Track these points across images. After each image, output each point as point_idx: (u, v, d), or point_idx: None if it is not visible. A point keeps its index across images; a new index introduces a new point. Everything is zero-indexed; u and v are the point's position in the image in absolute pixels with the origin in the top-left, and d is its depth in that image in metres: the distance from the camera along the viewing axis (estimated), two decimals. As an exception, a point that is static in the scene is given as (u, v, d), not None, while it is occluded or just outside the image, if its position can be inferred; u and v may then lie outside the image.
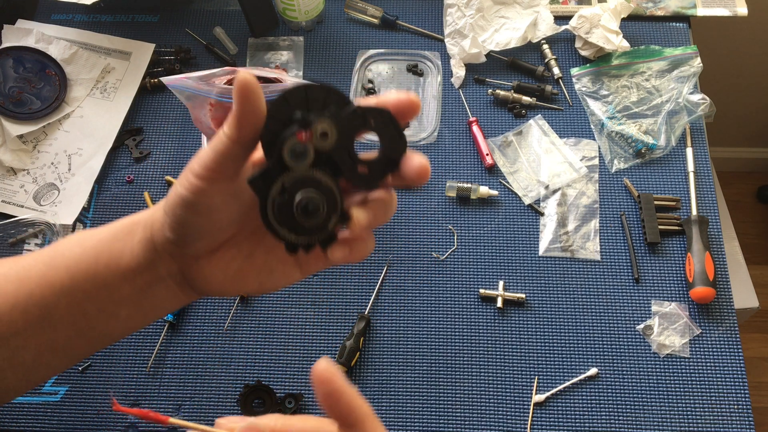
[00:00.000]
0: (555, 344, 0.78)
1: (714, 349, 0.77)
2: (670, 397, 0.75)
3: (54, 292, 0.41)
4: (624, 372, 0.76)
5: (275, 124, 0.35)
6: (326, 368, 0.34)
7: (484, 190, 0.85)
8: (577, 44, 0.95)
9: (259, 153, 0.38)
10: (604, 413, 0.74)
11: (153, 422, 0.32)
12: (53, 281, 0.41)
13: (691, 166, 0.86)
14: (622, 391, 0.75)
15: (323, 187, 0.35)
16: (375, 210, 0.38)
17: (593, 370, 0.76)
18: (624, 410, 0.74)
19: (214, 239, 0.40)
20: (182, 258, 0.40)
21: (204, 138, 0.85)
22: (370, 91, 0.93)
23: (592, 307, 0.80)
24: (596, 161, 0.88)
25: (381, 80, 0.95)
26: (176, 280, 0.42)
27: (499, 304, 0.79)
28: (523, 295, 0.80)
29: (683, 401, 0.75)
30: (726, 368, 0.76)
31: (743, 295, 1.12)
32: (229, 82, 0.73)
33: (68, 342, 0.42)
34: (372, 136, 0.37)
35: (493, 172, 0.88)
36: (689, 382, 0.75)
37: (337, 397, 0.35)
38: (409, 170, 0.37)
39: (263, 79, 0.74)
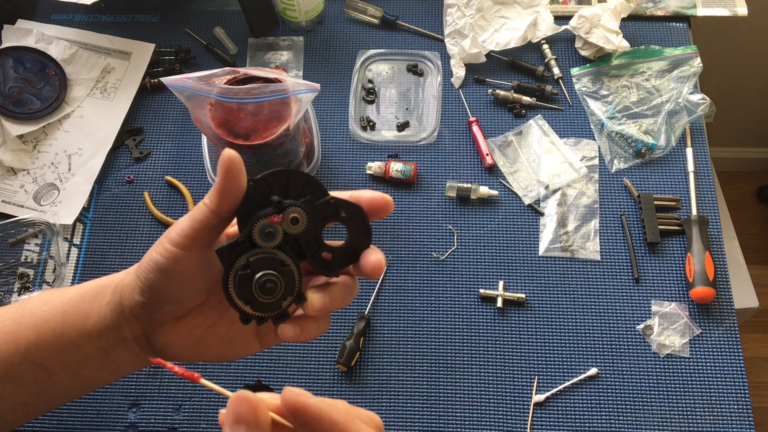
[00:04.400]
0: (555, 344, 0.78)
1: (714, 349, 0.77)
2: (670, 397, 0.75)
3: (19, 350, 0.42)
4: (624, 372, 0.76)
5: (253, 202, 0.38)
6: (294, 396, 0.33)
7: (484, 190, 0.85)
8: (577, 44, 0.95)
9: (233, 228, 0.40)
10: (604, 413, 0.74)
11: (187, 378, 0.34)
12: (19, 339, 0.42)
13: (691, 166, 0.86)
14: (622, 391, 0.75)
15: (284, 268, 0.38)
16: (332, 295, 0.40)
17: (593, 370, 0.76)
18: (624, 410, 0.74)
19: (183, 305, 0.42)
20: (148, 322, 0.42)
21: (204, 138, 0.85)
22: (370, 91, 0.93)
23: (592, 307, 0.80)
24: (596, 161, 0.88)
25: (381, 80, 0.95)
26: (140, 344, 0.43)
27: (499, 304, 0.79)
28: (523, 295, 0.80)
29: (683, 401, 0.75)
30: (726, 368, 0.76)
31: (743, 295, 1.12)
32: (229, 82, 0.73)
33: (28, 399, 0.43)
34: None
35: (493, 172, 0.88)
36: (689, 382, 0.75)
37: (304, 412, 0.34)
38: (365, 264, 0.40)
39: (263, 79, 0.74)
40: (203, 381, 0.34)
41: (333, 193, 0.40)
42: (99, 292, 0.43)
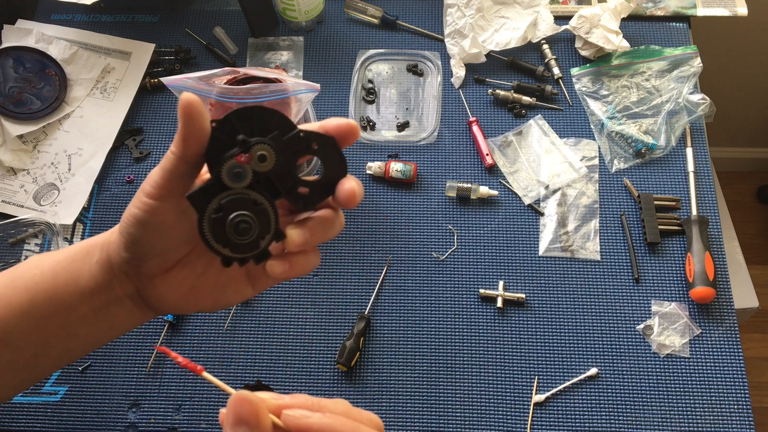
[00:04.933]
0: (555, 344, 0.78)
1: (714, 349, 0.77)
2: (670, 397, 0.75)
3: (14, 314, 0.42)
4: (624, 372, 0.76)
5: (219, 144, 0.37)
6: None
7: (484, 190, 0.85)
8: (577, 44, 0.95)
9: (207, 174, 0.40)
10: (604, 413, 0.74)
11: (189, 370, 0.34)
12: (13, 303, 0.42)
13: (691, 166, 0.86)
14: (622, 391, 0.75)
15: (258, 207, 0.37)
16: (312, 229, 0.40)
17: (593, 370, 0.76)
18: (624, 410, 0.74)
19: (168, 257, 0.42)
20: (138, 277, 0.42)
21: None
22: (370, 91, 0.93)
23: (592, 307, 0.80)
24: (596, 161, 0.88)
25: (381, 80, 0.95)
26: (133, 300, 0.43)
27: (499, 304, 0.79)
28: (523, 295, 0.80)
29: (683, 401, 0.75)
30: (726, 368, 0.76)
31: (743, 295, 1.12)
32: (229, 82, 0.73)
33: (29, 362, 0.44)
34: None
35: (493, 172, 0.88)
36: (689, 382, 0.75)
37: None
38: (339, 193, 0.39)
39: (263, 79, 0.74)
40: (205, 374, 0.34)
41: (302, 126, 0.39)
42: (88, 252, 0.43)
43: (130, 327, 0.45)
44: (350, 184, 0.39)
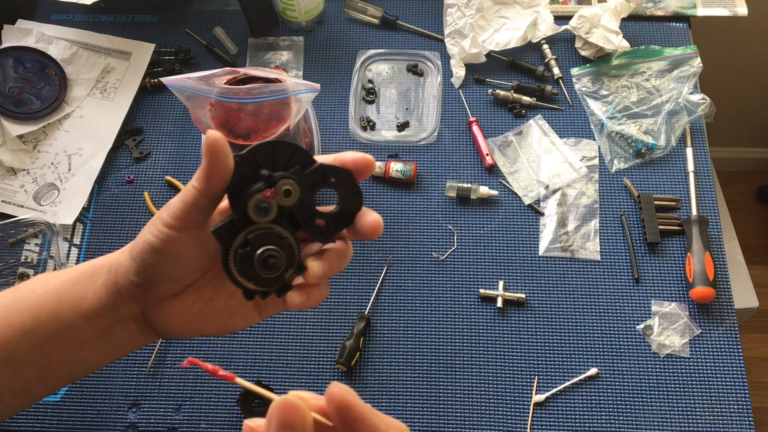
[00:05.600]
0: (555, 344, 0.78)
1: (714, 349, 0.77)
2: (670, 397, 0.75)
3: (16, 334, 0.42)
4: (624, 372, 0.76)
5: (241, 179, 0.38)
6: (341, 392, 0.32)
7: (484, 190, 0.85)
8: (577, 44, 0.95)
9: (225, 202, 0.40)
10: (604, 413, 0.74)
11: (223, 379, 0.34)
12: (15, 323, 0.42)
13: (691, 166, 0.86)
14: (622, 391, 0.75)
15: (283, 241, 0.38)
16: (330, 261, 0.40)
17: (593, 370, 0.76)
18: (624, 410, 0.74)
19: (179, 283, 0.42)
20: (145, 300, 0.42)
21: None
22: (370, 91, 0.93)
23: (592, 307, 0.80)
24: (596, 161, 0.88)
25: (381, 80, 0.95)
26: (137, 322, 0.43)
27: (499, 304, 0.79)
28: (523, 295, 0.80)
29: (683, 401, 0.75)
30: (726, 368, 0.76)
31: (743, 295, 1.12)
32: (229, 82, 0.73)
33: (28, 384, 0.43)
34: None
35: (493, 172, 0.88)
36: (689, 382, 0.75)
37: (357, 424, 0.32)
38: (363, 225, 0.40)
39: (263, 79, 0.74)
40: (239, 380, 0.34)
41: (318, 159, 0.39)
42: (93, 274, 0.43)
43: (132, 349, 0.45)
44: (373, 216, 0.40)
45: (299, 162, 0.38)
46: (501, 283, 0.81)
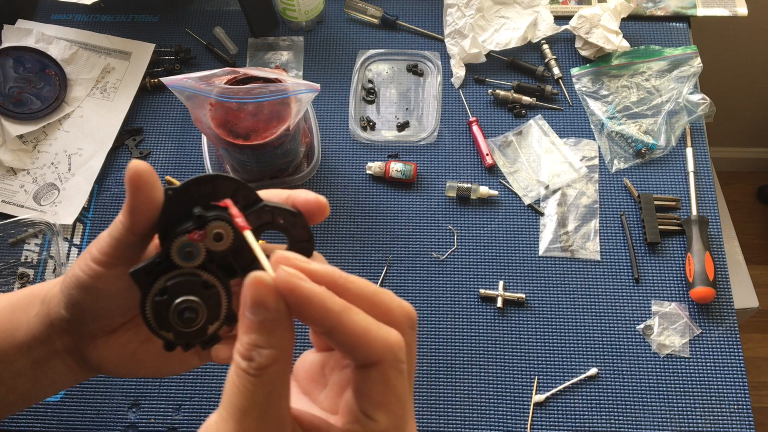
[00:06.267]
0: (555, 344, 0.78)
1: (714, 349, 0.77)
2: (670, 397, 0.75)
3: None
4: (624, 372, 0.76)
5: (176, 215, 0.33)
6: (286, 276, 0.28)
7: (484, 190, 0.85)
8: (577, 44, 0.95)
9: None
10: (604, 413, 0.74)
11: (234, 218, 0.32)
12: None
13: (691, 166, 0.86)
14: (622, 391, 0.75)
15: (208, 291, 0.34)
16: None
17: (593, 370, 0.76)
18: (624, 410, 0.74)
19: (109, 322, 0.40)
20: (79, 335, 0.40)
21: (204, 138, 0.85)
22: (370, 91, 0.93)
23: (592, 307, 0.80)
24: (596, 161, 0.88)
25: (381, 80, 0.95)
26: (74, 357, 0.41)
27: (499, 304, 0.79)
28: (523, 295, 0.80)
29: (683, 401, 0.75)
30: (726, 368, 0.76)
31: (743, 295, 1.12)
32: (229, 82, 0.73)
33: None
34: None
35: (493, 172, 0.88)
36: (689, 382, 0.75)
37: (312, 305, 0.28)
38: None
39: (263, 79, 0.74)
40: (247, 235, 0.31)
41: (265, 196, 0.35)
42: (29, 303, 0.41)
43: (73, 383, 0.43)
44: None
45: (244, 199, 0.34)
46: (501, 283, 0.81)
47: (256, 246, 0.30)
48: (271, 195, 0.36)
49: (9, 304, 0.42)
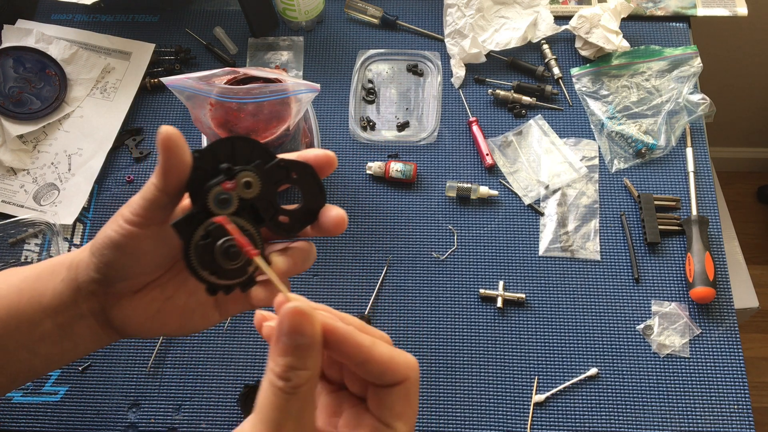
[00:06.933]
0: (555, 344, 0.78)
1: (714, 349, 0.77)
2: (670, 397, 0.75)
3: None
4: (624, 372, 0.76)
5: (201, 175, 0.37)
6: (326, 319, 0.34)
7: (484, 190, 0.85)
8: (577, 44, 0.95)
9: (188, 200, 0.40)
10: (604, 413, 0.74)
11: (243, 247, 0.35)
12: None
13: (691, 166, 0.86)
14: (622, 391, 0.75)
15: (245, 233, 0.37)
16: (294, 258, 0.40)
17: (593, 370, 0.76)
18: (624, 410, 0.74)
19: (139, 280, 0.42)
20: (105, 297, 0.42)
21: (204, 138, 0.85)
22: (370, 91, 0.93)
23: (592, 307, 0.80)
24: (596, 161, 0.88)
25: (381, 80, 0.95)
26: (98, 320, 0.43)
27: (499, 304, 0.79)
28: (523, 295, 0.80)
29: (683, 401, 0.75)
30: (726, 368, 0.76)
31: (743, 295, 1.12)
32: (229, 82, 0.73)
33: None
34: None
35: (493, 172, 0.88)
36: (689, 382, 0.75)
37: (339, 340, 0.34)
38: (327, 221, 0.41)
39: (263, 79, 0.74)
40: (258, 260, 0.35)
41: (281, 156, 0.39)
42: (54, 271, 0.43)
43: (93, 348, 0.45)
44: (337, 212, 0.40)
45: (260, 157, 0.38)
46: (501, 283, 0.81)
47: (271, 272, 0.35)
48: (283, 155, 0.40)
49: (34, 273, 0.44)
